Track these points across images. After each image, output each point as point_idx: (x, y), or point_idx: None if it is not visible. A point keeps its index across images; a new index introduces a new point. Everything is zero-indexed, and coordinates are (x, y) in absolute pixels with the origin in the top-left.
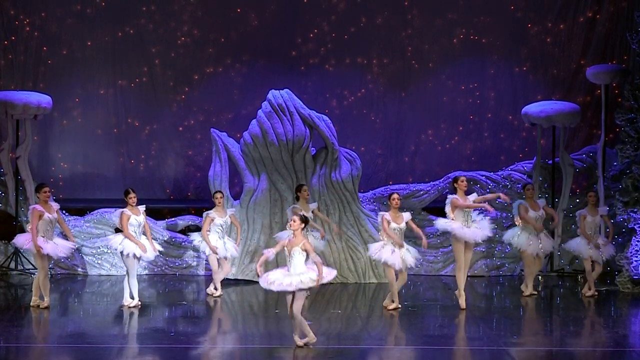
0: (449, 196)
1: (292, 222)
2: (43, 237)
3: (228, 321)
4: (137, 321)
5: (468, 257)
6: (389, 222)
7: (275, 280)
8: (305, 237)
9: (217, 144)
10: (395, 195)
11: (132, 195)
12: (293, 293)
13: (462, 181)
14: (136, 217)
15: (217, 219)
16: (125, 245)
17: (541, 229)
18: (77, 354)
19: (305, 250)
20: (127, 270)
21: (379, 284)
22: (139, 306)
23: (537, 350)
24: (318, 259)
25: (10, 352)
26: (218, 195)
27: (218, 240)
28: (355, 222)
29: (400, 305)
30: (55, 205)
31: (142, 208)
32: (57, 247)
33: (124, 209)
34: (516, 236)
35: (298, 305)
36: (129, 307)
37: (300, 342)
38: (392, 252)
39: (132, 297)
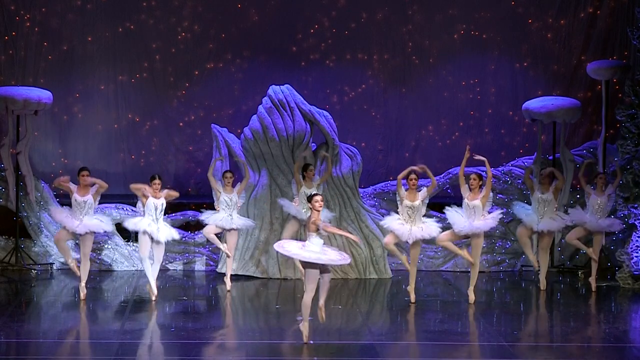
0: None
1: (319, 202)
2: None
3: (228, 317)
4: (137, 317)
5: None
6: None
7: (314, 254)
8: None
9: (217, 139)
10: (412, 175)
11: (156, 181)
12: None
13: (474, 179)
14: (155, 200)
15: (223, 194)
16: (140, 225)
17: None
18: (78, 349)
19: (325, 231)
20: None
21: (380, 280)
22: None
23: (538, 345)
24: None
25: (11, 348)
26: (227, 174)
27: (225, 216)
28: (356, 217)
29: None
30: (92, 189)
31: (164, 193)
32: (80, 224)
33: (148, 188)
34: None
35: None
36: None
37: (306, 338)
38: (402, 224)
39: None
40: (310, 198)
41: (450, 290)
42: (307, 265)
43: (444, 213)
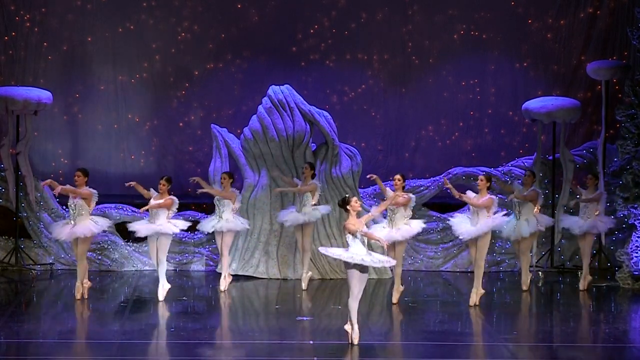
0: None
1: (356, 203)
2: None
3: (228, 317)
4: (137, 317)
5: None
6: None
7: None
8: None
9: (217, 139)
10: (397, 176)
11: (161, 182)
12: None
13: (481, 180)
14: (154, 201)
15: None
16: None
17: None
18: (77, 350)
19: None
20: None
21: (379, 280)
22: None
23: (537, 346)
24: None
25: (11, 348)
26: (222, 175)
27: (213, 218)
28: None
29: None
30: (83, 190)
31: (174, 200)
32: (67, 228)
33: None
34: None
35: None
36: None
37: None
38: (382, 228)
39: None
40: (346, 201)
41: (450, 290)
42: (351, 267)
43: (444, 213)
